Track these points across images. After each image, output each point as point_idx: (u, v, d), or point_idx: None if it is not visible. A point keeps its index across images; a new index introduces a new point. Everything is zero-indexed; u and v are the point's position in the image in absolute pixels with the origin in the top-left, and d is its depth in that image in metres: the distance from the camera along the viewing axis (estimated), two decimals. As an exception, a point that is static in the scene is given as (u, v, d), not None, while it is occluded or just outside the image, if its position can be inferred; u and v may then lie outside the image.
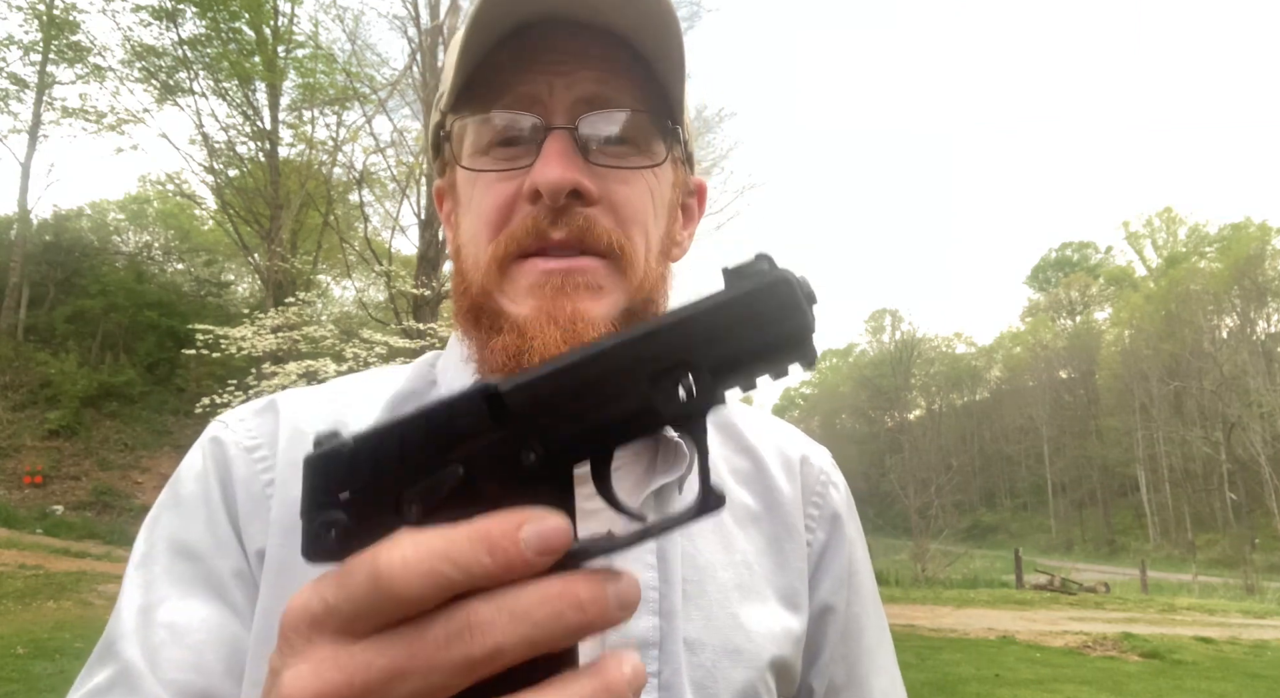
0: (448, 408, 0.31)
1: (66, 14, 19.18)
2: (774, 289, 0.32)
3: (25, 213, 23.12)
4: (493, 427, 0.31)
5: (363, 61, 16.75)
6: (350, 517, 0.31)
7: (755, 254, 0.34)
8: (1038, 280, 77.87)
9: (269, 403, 0.72)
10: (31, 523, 15.77)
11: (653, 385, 0.32)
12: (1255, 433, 40.64)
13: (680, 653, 0.62)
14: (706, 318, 0.32)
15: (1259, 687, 8.51)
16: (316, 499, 0.31)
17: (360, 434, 0.32)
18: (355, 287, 23.27)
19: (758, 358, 0.33)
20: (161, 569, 0.62)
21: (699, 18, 15.44)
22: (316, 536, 0.31)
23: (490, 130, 0.64)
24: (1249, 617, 15.69)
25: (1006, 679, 8.40)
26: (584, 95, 0.62)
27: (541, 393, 0.32)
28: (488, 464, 0.31)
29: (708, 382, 0.32)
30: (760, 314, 0.32)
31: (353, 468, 0.31)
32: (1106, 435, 53.09)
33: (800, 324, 0.33)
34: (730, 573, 0.68)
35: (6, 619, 8.61)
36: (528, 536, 0.28)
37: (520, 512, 0.29)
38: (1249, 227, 52.23)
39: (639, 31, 0.62)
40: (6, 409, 19.55)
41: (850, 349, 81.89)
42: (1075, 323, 66.62)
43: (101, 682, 0.58)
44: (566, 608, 0.28)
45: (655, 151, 0.66)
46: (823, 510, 0.76)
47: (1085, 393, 56.94)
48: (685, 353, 0.32)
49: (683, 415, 0.32)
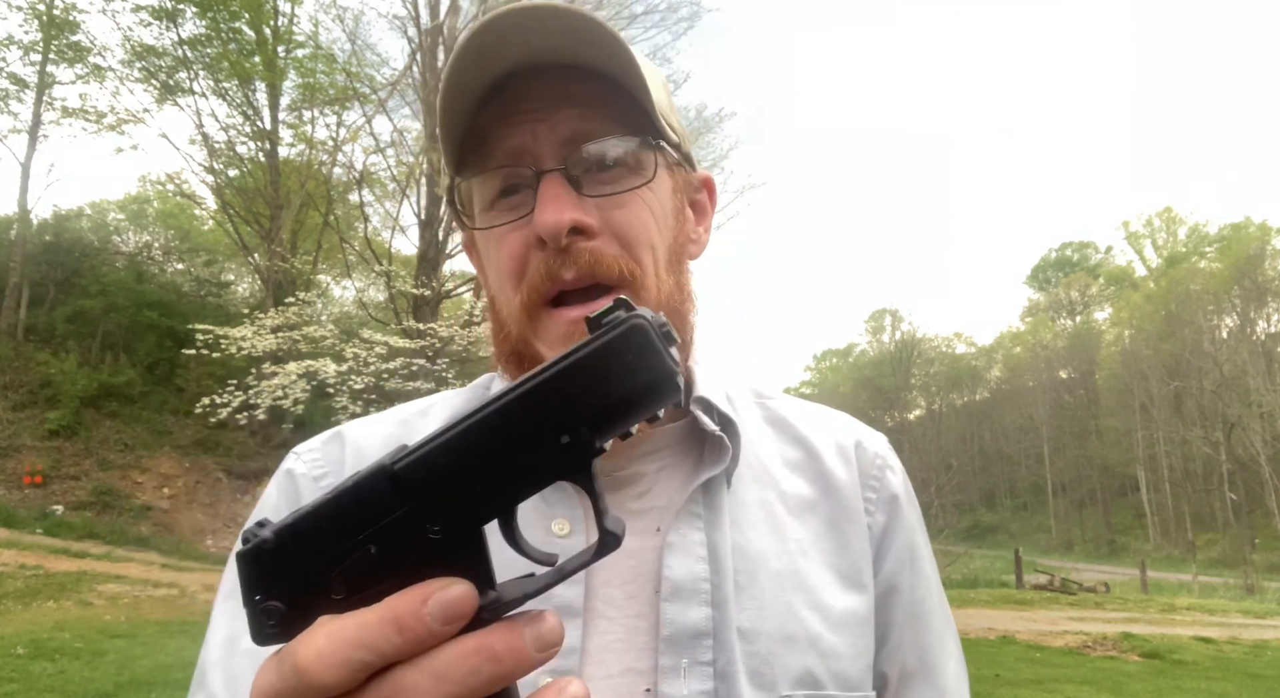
0: (353, 492, 0.34)
1: (66, 14, 19.19)
2: (628, 337, 0.33)
3: (25, 213, 23.12)
4: (396, 504, 0.33)
5: (363, 61, 16.76)
6: (284, 604, 0.34)
7: (614, 299, 0.35)
8: (1038, 280, 77.89)
9: (335, 433, 0.77)
10: (31, 523, 15.76)
11: (535, 446, 0.33)
12: (1255, 433, 40.65)
13: (735, 642, 0.64)
14: (571, 374, 0.33)
15: (1259, 687, 8.51)
16: (252, 592, 0.34)
17: (279, 526, 0.34)
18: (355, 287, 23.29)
19: (626, 406, 0.34)
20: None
21: (699, 18, 15.44)
22: (260, 624, 0.34)
23: (491, 188, 0.69)
24: (1249, 617, 15.69)
25: (1006, 679, 8.40)
26: (567, 135, 0.66)
27: (434, 466, 0.33)
28: (397, 540, 0.34)
29: (585, 435, 0.34)
30: (620, 363, 0.33)
31: (278, 559, 0.34)
32: (1106, 435, 53.10)
33: (659, 368, 0.33)
34: (783, 562, 0.70)
35: (6, 619, 8.61)
36: (432, 609, 0.31)
37: (425, 586, 0.32)
38: (1249, 227, 52.25)
39: (601, 62, 0.65)
40: (6, 409, 19.55)
41: (850, 349, 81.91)
42: (1075, 323, 66.64)
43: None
44: (482, 663, 0.31)
45: (645, 168, 0.68)
46: (880, 493, 0.77)
47: (1085, 393, 56.95)
48: (559, 411, 0.33)
49: (567, 469, 0.34)
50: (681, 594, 0.65)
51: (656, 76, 0.72)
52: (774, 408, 0.82)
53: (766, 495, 0.73)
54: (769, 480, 0.74)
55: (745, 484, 0.73)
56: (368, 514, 0.34)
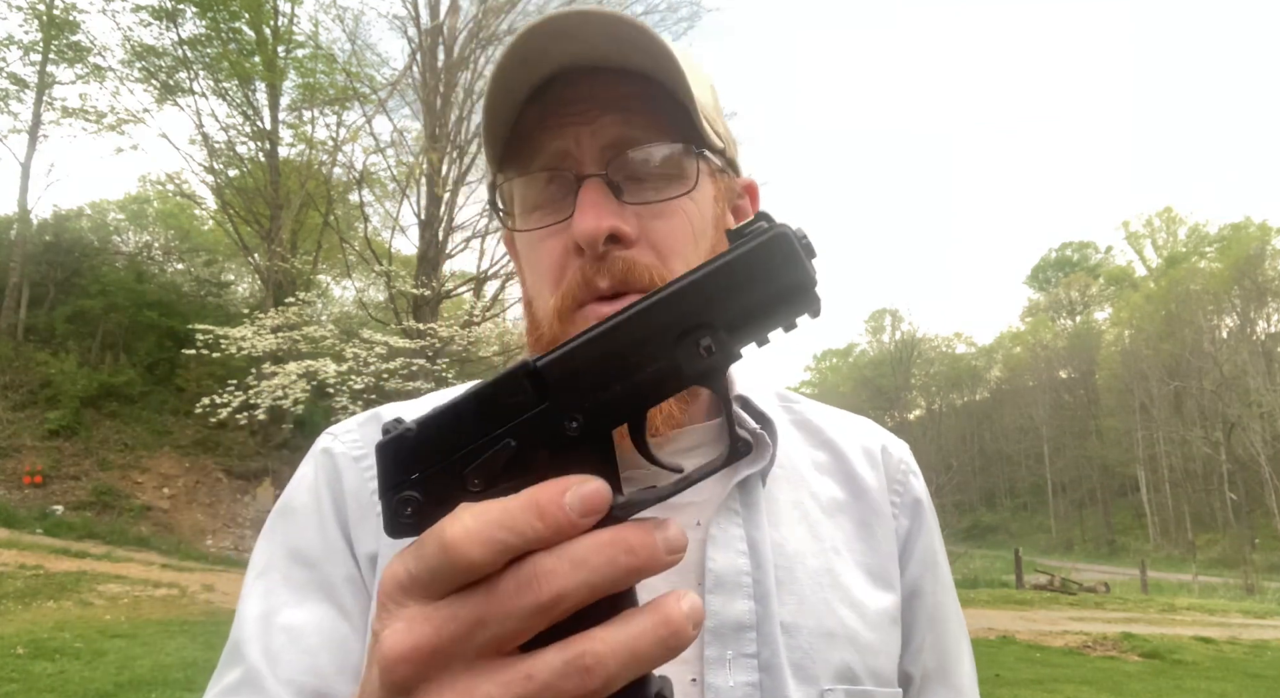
0: (494, 387, 0.35)
1: (66, 14, 19.18)
2: (772, 245, 0.35)
3: (25, 213, 23.12)
4: (536, 400, 0.35)
5: (363, 61, 16.76)
6: (422, 494, 0.35)
7: (756, 213, 0.37)
8: (1038, 280, 77.86)
9: (373, 415, 0.78)
10: (31, 523, 15.76)
11: (674, 348, 0.35)
12: (1255, 433, 40.64)
13: (778, 636, 0.65)
14: (714, 279, 0.35)
15: (1259, 687, 8.51)
16: (391, 481, 0.35)
17: (421, 418, 0.35)
18: (355, 287, 23.29)
19: (765, 312, 0.35)
20: (280, 576, 0.69)
21: (699, 18, 15.43)
22: (395, 514, 0.35)
23: (532, 190, 0.69)
24: (1249, 617, 15.69)
25: (1006, 679, 8.40)
26: (610, 140, 0.66)
27: (575, 365, 0.35)
28: (535, 436, 0.35)
29: (724, 339, 0.35)
30: (762, 270, 0.35)
31: (418, 450, 0.35)
32: (1106, 435, 53.09)
33: (800, 275, 0.35)
34: (820, 560, 0.71)
35: (6, 619, 8.60)
36: (571, 500, 0.32)
37: (563, 480, 0.33)
38: (1249, 227, 52.23)
39: (647, 66, 0.65)
40: (6, 409, 19.55)
41: (850, 349, 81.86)
42: (1075, 323, 66.63)
43: (232, 681, 0.65)
44: (619, 553, 0.32)
45: (687, 177, 0.68)
46: (904, 498, 0.79)
47: (1085, 393, 56.94)
48: (699, 315, 0.35)
49: (704, 373, 0.35)
50: (724, 587, 0.66)
51: (704, 80, 0.72)
52: (800, 411, 0.84)
53: (800, 496, 0.75)
54: (800, 482, 0.76)
55: (779, 484, 0.74)
56: (507, 409, 0.35)
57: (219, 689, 0.65)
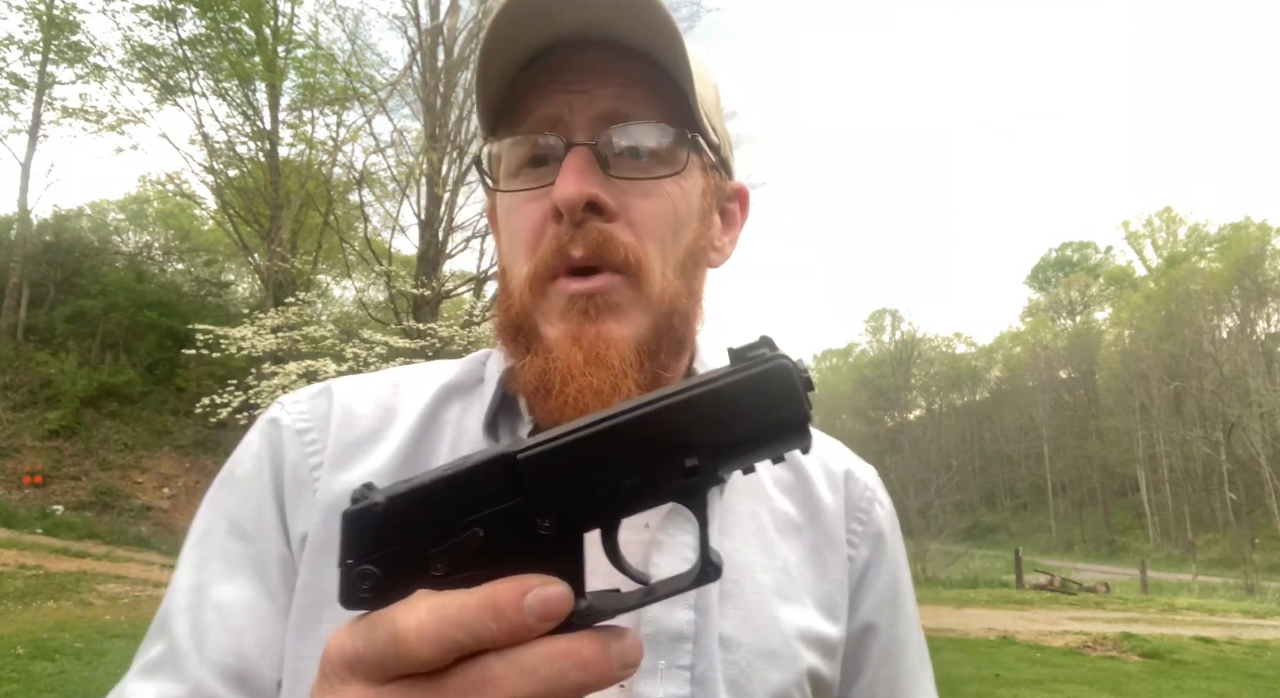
0: (470, 473, 0.34)
1: (66, 14, 19.18)
2: (772, 376, 0.34)
3: (25, 213, 23.12)
4: (510, 494, 0.34)
5: (363, 61, 16.75)
6: (381, 571, 0.34)
7: (759, 337, 0.36)
8: (1038, 280, 77.87)
9: (325, 388, 0.75)
10: (31, 523, 15.76)
11: (658, 463, 0.34)
12: (1255, 433, 40.63)
13: (715, 649, 0.63)
14: (709, 400, 0.34)
15: (1259, 687, 8.51)
16: (352, 552, 0.34)
17: (392, 493, 0.34)
18: (355, 287, 23.28)
19: (755, 443, 0.35)
20: (216, 547, 0.66)
21: (699, 18, 15.41)
22: (352, 586, 0.34)
23: (518, 153, 0.67)
24: (1249, 617, 15.69)
25: (1006, 679, 8.40)
26: (603, 111, 0.64)
27: (556, 465, 0.34)
28: (505, 529, 0.34)
29: (708, 462, 0.34)
30: (758, 400, 0.34)
31: (384, 526, 0.34)
32: (1106, 435, 53.08)
33: (795, 412, 0.34)
34: (769, 577, 0.69)
35: (6, 619, 8.60)
36: (531, 603, 0.31)
37: (526, 579, 0.32)
38: (1249, 227, 52.21)
39: (652, 43, 0.63)
40: (6, 409, 19.55)
41: (850, 349, 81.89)
42: (1075, 323, 66.63)
43: (155, 656, 0.63)
44: (571, 667, 0.31)
45: (676, 161, 0.66)
46: (866, 527, 0.76)
47: (1085, 393, 56.93)
48: (689, 434, 0.34)
49: (684, 492, 0.35)
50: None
51: (708, 77, 0.71)
52: None
53: (758, 510, 0.72)
54: (761, 496, 0.74)
55: (738, 495, 0.72)
56: (481, 498, 0.34)
57: (141, 665, 0.64)
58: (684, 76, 0.64)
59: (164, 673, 0.62)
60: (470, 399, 0.74)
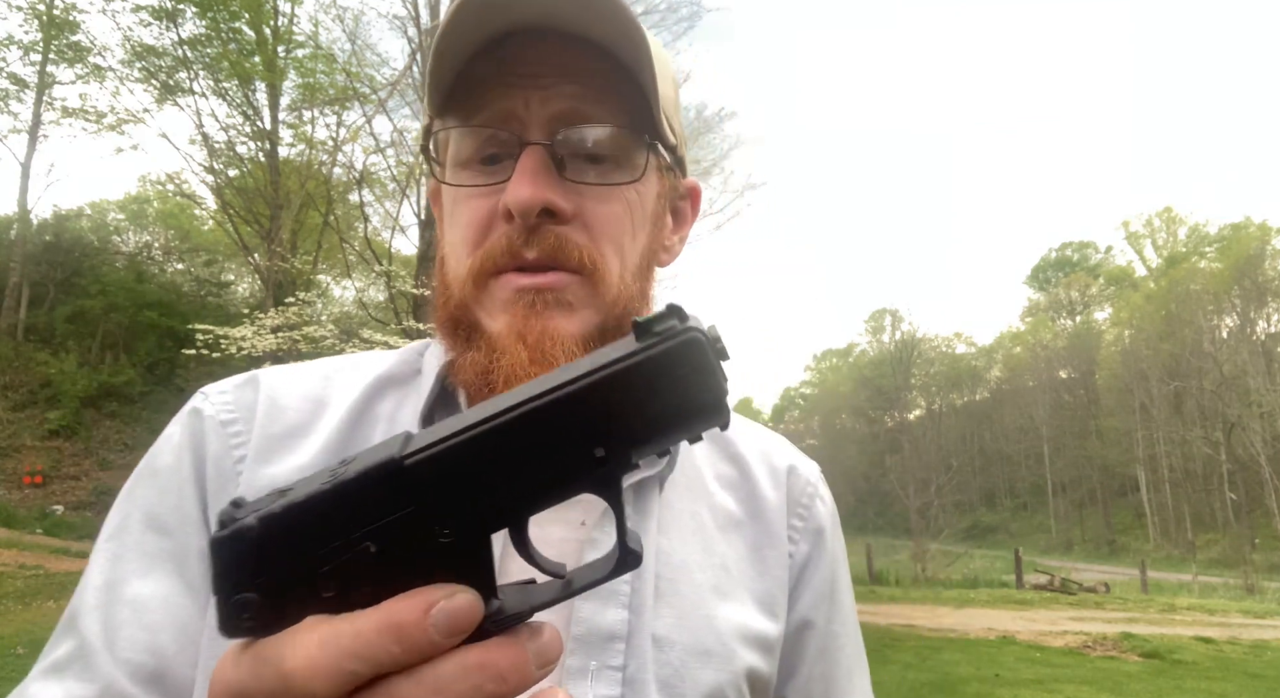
0: (354, 484, 0.30)
1: (66, 14, 19.18)
2: (683, 351, 0.31)
3: (25, 213, 23.12)
4: (401, 503, 0.30)
5: (363, 61, 16.74)
6: (263, 597, 0.30)
7: (666, 306, 0.32)
8: (1038, 280, 77.85)
9: (251, 377, 0.72)
10: (31, 523, 15.77)
11: (564, 455, 0.31)
12: (1255, 433, 40.62)
13: (647, 649, 0.62)
14: (615, 384, 0.30)
15: (1259, 687, 8.50)
16: (227, 580, 0.31)
17: (265, 513, 0.30)
18: (355, 287, 23.26)
19: (669, 425, 0.32)
20: (132, 542, 0.63)
21: (699, 18, 15.42)
22: (233, 618, 0.31)
23: (470, 144, 0.65)
24: (1249, 617, 15.68)
25: (1006, 679, 8.40)
26: (561, 111, 0.62)
27: (448, 467, 0.30)
28: (400, 541, 0.31)
29: (619, 450, 0.31)
30: (670, 379, 0.31)
31: (260, 550, 0.30)
32: (1106, 435, 53.07)
33: (711, 389, 0.31)
34: (707, 575, 0.68)
35: (6, 619, 8.60)
36: (437, 618, 0.29)
37: (428, 592, 0.29)
38: (1249, 227, 52.21)
39: (614, 39, 0.61)
40: (6, 409, 19.54)
41: (850, 349, 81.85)
42: (1075, 323, 66.62)
43: (62, 656, 0.60)
44: (485, 680, 0.29)
45: (634, 166, 0.65)
46: (807, 523, 0.75)
47: (1085, 393, 56.92)
48: (595, 422, 0.31)
49: (596, 483, 0.32)
50: (598, 594, 0.62)
51: (668, 73, 0.69)
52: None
53: (698, 507, 0.71)
54: (702, 493, 0.72)
55: (678, 492, 0.71)
56: (369, 510, 0.30)
57: (46, 664, 0.61)
58: (647, 78, 0.62)
59: (71, 673, 0.59)
60: (406, 392, 0.71)
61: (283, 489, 0.32)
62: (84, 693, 0.58)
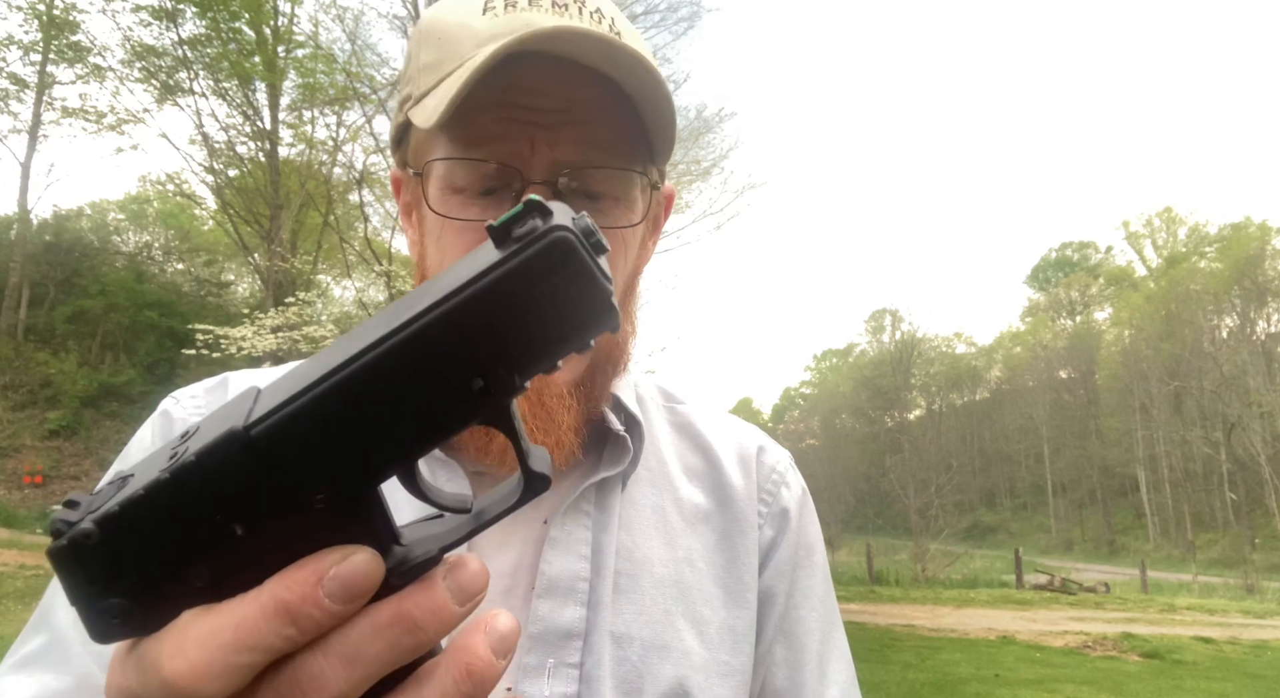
0: (195, 467, 0.26)
1: (66, 14, 19.17)
2: (552, 254, 0.27)
3: (25, 213, 23.13)
4: (259, 475, 0.26)
5: (363, 61, 16.73)
6: (128, 600, 0.27)
7: (524, 202, 0.28)
8: (1038, 280, 77.85)
9: (221, 381, 0.72)
10: (31, 523, 15.77)
11: (436, 392, 0.27)
12: (1255, 433, 40.62)
13: (605, 646, 0.62)
14: (481, 305, 0.27)
15: (1259, 687, 8.50)
16: (81, 592, 0.27)
17: (102, 515, 0.26)
18: (355, 287, 23.27)
19: (553, 339, 0.28)
20: None
21: (699, 18, 15.42)
22: (100, 624, 0.27)
23: (467, 176, 0.63)
24: (1249, 617, 15.68)
25: (1006, 679, 8.40)
26: (565, 158, 0.61)
27: (303, 431, 0.26)
28: (269, 516, 0.27)
29: (502, 376, 0.28)
30: (541, 286, 0.27)
31: (107, 555, 0.26)
32: (1106, 435, 53.08)
33: (590, 290, 0.27)
34: (669, 569, 0.68)
35: (6, 619, 8.61)
36: (330, 588, 0.26)
37: (316, 561, 0.26)
38: (1249, 227, 52.22)
39: (627, 80, 0.60)
40: (6, 409, 19.55)
41: (850, 349, 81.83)
42: (1075, 323, 66.61)
43: (34, 649, 0.61)
44: (401, 635, 0.27)
45: (634, 210, 0.65)
46: (771, 508, 0.75)
47: (1085, 393, 56.91)
48: (467, 351, 0.27)
49: (481, 415, 0.28)
50: (557, 592, 0.63)
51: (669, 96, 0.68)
52: (682, 413, 0.80)
53: (662, 501, 0.71)
54: (667, 486, 0.72)
55: (641, 488, 0.71)
56: (222, 491, 0.26)
57: (15, 660, 0.60)
58: (664, 123, 0.60)
59: (44, 666, 0.59)
60: None
61: (125, 476, 0.28)
62: (59, 686, 0.58)
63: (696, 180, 14.29)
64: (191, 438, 0.28)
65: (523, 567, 0.64)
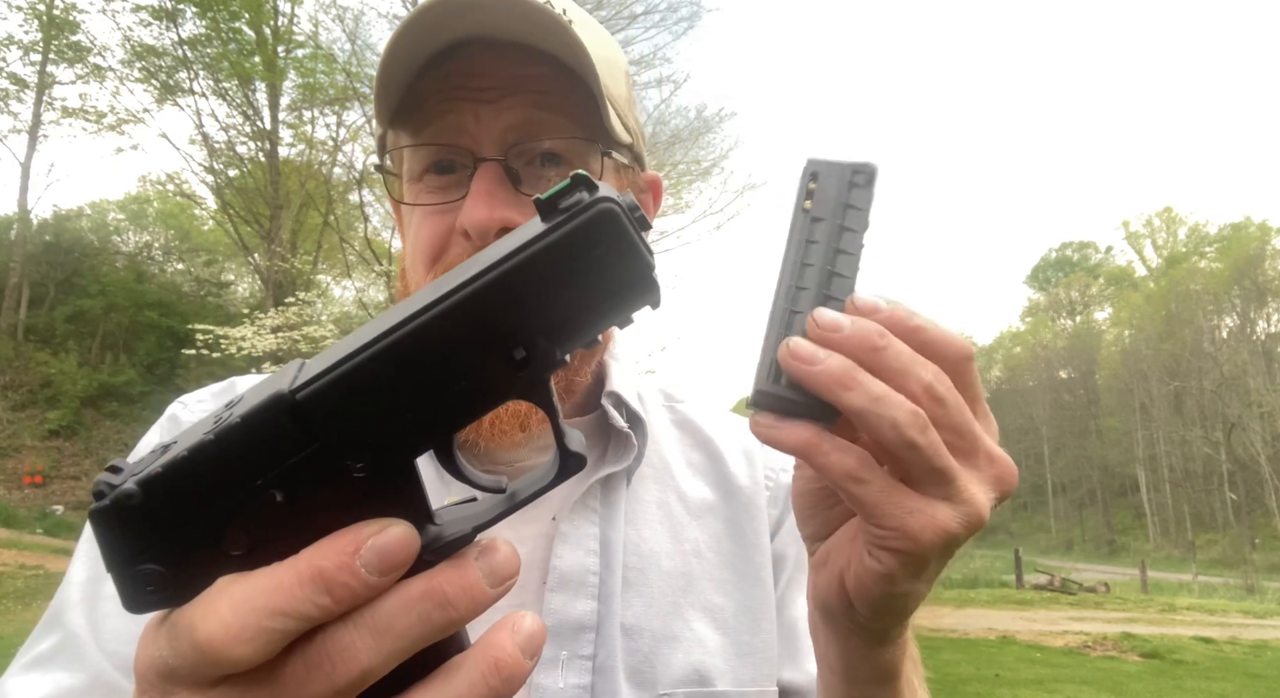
0: (243, 428, 0.27)
1: (66, 14, 19.19)
2: (598, 225, 0.27)
3: (25, 213, 23.14)
4: (303, 441, 0.27)
5: (363, 61, 16.72)
6: (164, 567, 0.27)
7: (571, 176, 0.28)
8: (1038, 280, 77.85)
9: (229, 384, 0.74)
10: (31, 523, 15.77)
11: (479, 361, 0.28)
12: (1255, 433, 40.64)
13: (617, 638, 0.63)
14: (525, 274, 0.27)
15: (1259, 687, 8.50)
16: (118, 555, 0.27)
17: (145, 476, 0.27)
18: (355, 287, 23.28)
19: (594, 311, 0.28)
20: None
21: (699, 18, 15.40)
22: (135, 591, 0.28)
23: (421, 160, 0.65)
24: (1249, 617, 15.68)
25: (1006, 679, 8.40)
26: (512, 123, 0.62)
27: (348, 395, 0.27)
28: (309, 482, 0.27)
29: (542, 347, 0.28)
30: (585, 257, 0.27)
31: (149, 516, 0.27)
32: (1106, 435, 53.09)
33: (634, 262, 0.28)
34: (676, 562, 0.69)
35: (7, 619, 8.61)
36: (367, 558, 0.26)
37: (355, 531, 0.27)
38: (1249, 227, 52.25)
39: (560, 51, 0.62)
40: (6, 409, 19.55)
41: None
42: (1075, 323, 66.62)
43: (46, 649, 0.61)
44: (432, 609, 0.27)
45: (590, 173, 0.66)
46: (776, 489, 0.77)
47: (1085, 393, 56.93)
48: (508, 320, 0.27)
49: (521, 388, 0.29)
50: (568, 586, 0.64)
51: (619, 69, 0.69)
52: (683, 411, 0.82)
53: (666, 496, 0.73)
54: (670, 482, 0.74)
55: (645, 484, 0.72)
56: (265, 455, 0.27)
57: (30, 658, 0.61)
58: (593, 84, 0.62)
59: (57, 664, 0.60)
60: None
61: (166, 445, 0.28)
62: (72, 683, 0.59)
63: (696, 180, 14.27)
64: (238, 404, 0.28)
65: (534, 562, 0.65)
